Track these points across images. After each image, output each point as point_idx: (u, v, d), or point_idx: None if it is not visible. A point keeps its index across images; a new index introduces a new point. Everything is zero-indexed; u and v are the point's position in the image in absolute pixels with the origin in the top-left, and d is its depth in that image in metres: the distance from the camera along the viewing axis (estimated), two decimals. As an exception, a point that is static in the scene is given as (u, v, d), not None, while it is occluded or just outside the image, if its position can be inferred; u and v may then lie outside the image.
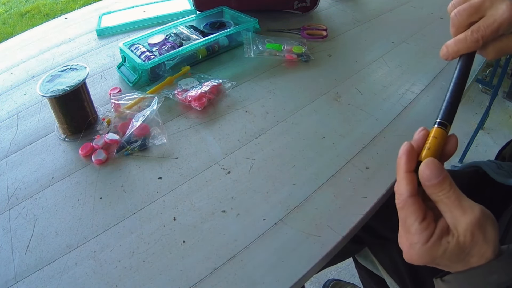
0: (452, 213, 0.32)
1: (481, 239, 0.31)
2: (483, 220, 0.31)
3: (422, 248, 0.32)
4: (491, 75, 1.83)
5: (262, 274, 0.39)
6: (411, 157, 0.34)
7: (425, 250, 0.32)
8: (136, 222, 0.45)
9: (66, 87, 0.53)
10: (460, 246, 0.31)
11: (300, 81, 0.67)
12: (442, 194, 0.32)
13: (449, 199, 0.32)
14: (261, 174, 0.50)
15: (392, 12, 0.90)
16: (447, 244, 0.32)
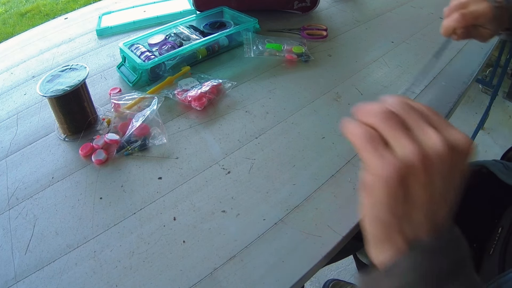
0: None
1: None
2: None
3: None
4: (491, 75, 1.83)
5: (262, 274, 0.39)
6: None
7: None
8: (136, 222, 0.45)
9: (66, 87, 0.53)
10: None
11: (300, 81, 0.67)
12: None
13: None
14: (261, 174, 0.50)
15: (392, 12, 0.90)
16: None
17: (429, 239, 0.30)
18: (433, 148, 0.29)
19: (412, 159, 0.29)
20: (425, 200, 0.30)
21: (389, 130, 0.31)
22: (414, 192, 0.30)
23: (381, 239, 0.32)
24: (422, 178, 0.29)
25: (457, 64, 0.69)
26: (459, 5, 0.58)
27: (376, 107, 0.32)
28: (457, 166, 0.30)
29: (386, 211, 0.30)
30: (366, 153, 0.31)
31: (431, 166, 0.29)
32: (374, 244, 0.33)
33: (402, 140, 0.30)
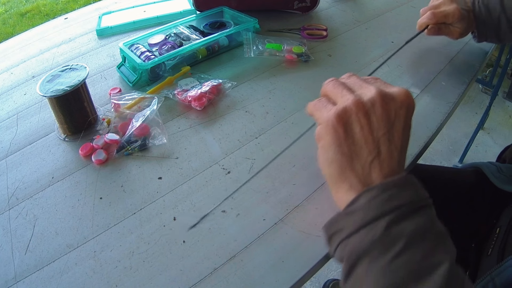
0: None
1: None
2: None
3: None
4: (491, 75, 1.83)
5: (262, 274, 0.39)
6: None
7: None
8: (136, 222, 0.45)
9: (66, 87, 0.53)
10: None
11: (300, 81, 0.67)
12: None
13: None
14: (261, 174, 0.50)
15: (392, 12, 0.90)
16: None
17: (380, 178, 0.35)
18: (367, 95, 0.36)
19: (349, 104, 0.36)
20: (366, 139, 0.35)
21: (334, 92, 0.39)
22: (355, 132, 0.36)
23: (337, 179, 0.37)
24: (358, 119, 0.35)
25: (457, 64, 0.69)
26: (433, 6, 0.68)
27: (327, 81, 0.41)
28: (394, 112, 0.36)
29: (335, 151, 0.36)
30: (316, 112, 0.40)
31: (364, 108, 0.35)
32: (333, 185, 0.38)
33: (344, 95, 0.37)
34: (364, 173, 0.35)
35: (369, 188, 0.34)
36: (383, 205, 0.33)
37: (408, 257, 0.31)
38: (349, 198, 0.35)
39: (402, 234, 0.31)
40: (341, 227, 0.34)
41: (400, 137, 0.36)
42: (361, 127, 0.35)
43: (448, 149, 1.79)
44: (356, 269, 0.33)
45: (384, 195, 0.33)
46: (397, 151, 0.36)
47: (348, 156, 0.36)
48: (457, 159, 1.74)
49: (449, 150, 1.79)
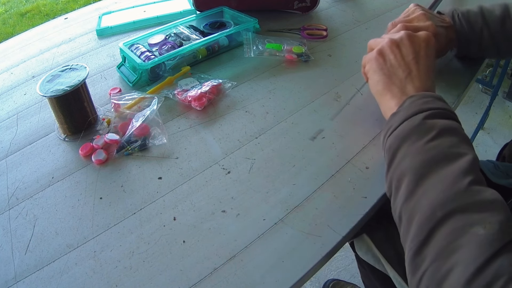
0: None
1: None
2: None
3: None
4: (491, 75, 1.83)
5: (262, 274, 0.39)
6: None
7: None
8: (136, 222, 0.45)
9: (66, 87, 0.53)
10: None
11: (300, 81, 0.67)
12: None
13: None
14: (261, 174, 0.50)
15: (392, 12, 0.90)
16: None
17: (413, 89, 0.47)
18: (397, 35, 0.51)
19: (385, 42, 0.51)
20: (399, 63, 0.49)
21: (375, 42, 0.55)
22: (390, 58, 0.50)
23: (382, 92, 0.50)
24: (391, 50, 0.50)
25: (457, 64, 0.69)
26: (404, 20, 0.65)
27: (370, 40, 0.58)
28: (418, 44, 0.50)
29: (379, 73, 0.50)
30: (365, 59, 0.55)
31: (396, 42, 0.50)
32: (381, 98, 0.50)
33: (381, 40, 0.53)
34: (402, 85, 0.48)
35: (412, 95, 0.45)
36: (421, 105, 0.43)
37: (439, 143, 0.39)
38: (393, 104, 0.47)
39: (436, 126, 0.41)
40: (390, 124, 0.44)
41: (425, 60, 0.49)
42: (395, 55, 0.49)
43: (448, 149, 1.79)
44: (399, 152, 0.41)
45: (423, 99, 0.44)
46: (425, 69, 0.48)
47: (388, 75, 0.49)
48: (457, 159, 1.73)
49: (449, 150, 1.78)
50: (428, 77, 0.48)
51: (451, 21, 0.62)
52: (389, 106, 0.48)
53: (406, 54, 0.49)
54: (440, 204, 0.35)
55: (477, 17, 0.62)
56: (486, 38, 0.61)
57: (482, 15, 0.61)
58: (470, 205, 0.34)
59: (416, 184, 0.38)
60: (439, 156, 0.38)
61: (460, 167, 0.36)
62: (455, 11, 0.63)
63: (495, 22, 0.61)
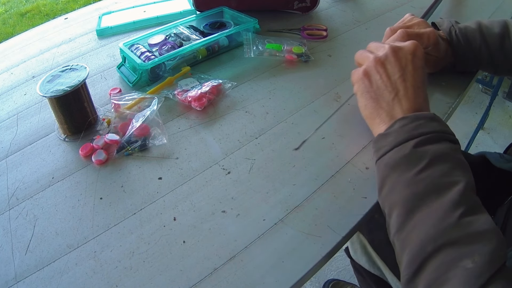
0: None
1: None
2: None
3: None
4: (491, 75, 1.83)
5: (262, 274, 0.39)
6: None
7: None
8: (136, 222, 0.45)
9: (66, 87, 0.53)
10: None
11: (300, 81, 0.67)
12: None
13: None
14: (261, 174, 0.50)
15: (392, 12, 0.90)
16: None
17: (401, 111, 0.45)
18: (382, 52, 0.48)
19: (369, 62, 0.48)
20: (385, 83, 0.46)
21: (361, 57, 0.52)
22: (376, 79, 0.47)
23: (371, 117, 0.48)
24: (377, 70, 0.47)
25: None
26: (404, 27, 0.60)
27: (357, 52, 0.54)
28: (404, 58, 0.46)
29: (366, 97, 0.48)
30: (352, 77, 0.52)
31: (380, 60, 0.47)
32: (370, 122, 0.49)
33: (367, 57, 0.50)
34: (389, 108, 0.46)
35: (403, 117, 0.43)
36: (412, 130, 0.41)
37: (429, 173, 0.38)
38: (382, 129, 0.45)
39: (427, 154, 0.39)
40: (380, 146, 0.43)
41: (413, 76, 0.45)
42: (380, 75, 0.47)
43: (448, 149, 1.79)
44: (388, 180, 0.40)
45: (414, 123, 0.41)
46: (413, 87, 0.45)
47: (375, 99, 0.47)
48: (457, 159, 1.73)
49: (449, 150, 1.78)
50: (417, 94, 0.45)
51: (448, 37, 0.60)
52: (379, 131, 0.46)
53: (392, 72, 0.46)
54: (430, 239, 0.34)
55: (475, 34, 0.59)
56: (485, 57, 0.59)
57: (480, 32, 0.59)
58: (460, 238, 0.34)
59: (406, 217, 0.37)
60: (430, 188, 0.37)
61: (450, 200, 0.36)
62: (452, 28, 0.60)
63: (494, 40, 0.58)
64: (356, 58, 0.53)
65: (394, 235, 0.38)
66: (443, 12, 0.88)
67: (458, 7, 0.92)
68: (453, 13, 0.89)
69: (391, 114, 0.45)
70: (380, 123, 0.46)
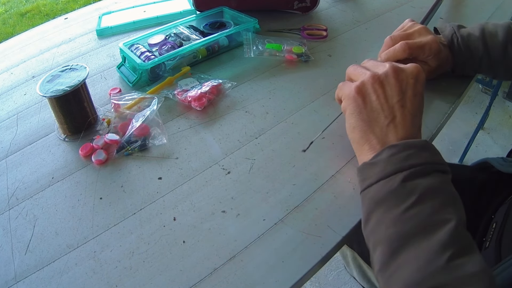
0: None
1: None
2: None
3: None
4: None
5: (262, 274, 0.39)
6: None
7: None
8: (136, 222, 0.45)
9: (66, 87, 0.53)
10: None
11: (300, 81, 0.67)
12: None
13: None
14: (261, 174, 0.50)
15: (392, 12, 0.90)
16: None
17: (396, 139, 0.40)
18: (382, 70, 0.43)
19: (366, 78, 0.43)
20: (382, 106, 0.41)
21: (355, 73, 0.46)
22: (372, 100, 0.42)
23: (359, 142, 0.43)
24: (374, 89, 0.42)
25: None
26: (404, 35, 0.57)
27: (350, 66, 0.48)
28: (405, 82, 0.42)
29: (357, 118, 0.43)
30: (340, 91, 0.46)
31: (379, 79, 0.42)
32: (357, 148, 0.44)
33: (363, 73, 0.44)
34: (382, 134, 0.41)
35: (392, 145, 0.39)
36: (401, 162, 0.37)
37: (418, 211, 0.35)
38: (370, 157, 0.40)
39: (416, 189, 0.35)
40: (365, 176, 0.40)
41: (412, 102, 0.42)
42: (377, 96, 0.42)
43: (448, 149, 1.79)
44: (373, 216, 0.37)
45: (403, 153, 0.38)
46: (410, 115, 0.41)
47: (368, 122, 0.42)
48: (457, 159, 1.74)
49: (449, 150, 1.79)
50: (413, 123, 0.42)
51: (449, 45, 0.59)
52: (366, 159, 0.42)
53: (391, 95, 0.42)
54: (415, 284, 0.32)
55: (478, 44, 0.57)
56: (485, 66, 0.59)
57: (483, 41, 0.57)
58: (448, 282, 0.31)
59: (391, 257, 0.34)
60: (417, 227, 0.34)
61: (439, 240, 0.33)
62: (455, 35, 0.58)
63: (497, 48, 0.57)
64: (348, 73, 0.48)
65: (377, 272, 0.36)
66: (443, 12, 0.88)
67: (458, 7, 0.92)
68: (453, 13, 0.89)
69: (383, 141, 0.41)
70: (369, 150, 0.42)
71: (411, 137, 0.40)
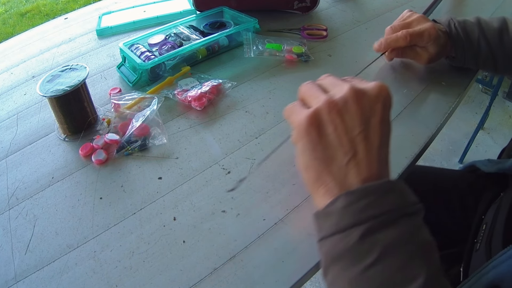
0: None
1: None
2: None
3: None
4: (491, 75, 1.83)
5: (262, 274, 0.39)
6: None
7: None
8: (136, 222, 0.45)
9: (66, 87, 0.53)
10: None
11: (300, 81, 0.66)
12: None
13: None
14: (261, 174, 0.50)
15: (392, 12, 0.90)
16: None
17: (357, 181, 0.33)
18: (339, 94, 0.35)
19: (320, 105, 0.34)
20: (340, 140, 0.34)
21: (308, 94, 0.38)
22: (328, 133, 0.34)
23: (314, 184, 0.35)
24: (331, 119, 0.34)
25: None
26: (403, 25, 0.60)
27: (302, 84, 0.40)
28: (369, 107, 0.34)
29: (310, 155, 0.35)
30: (290, 117, 0.38)
31: (337, 107, 0.34)
32: (311, 190, 0.36)
33: (317, 96, 0.36)
34: (341, 175, 0.34)
35: (348, 191, 0.32)
36: (360, 213, 0.31)
37: (380, 270, 0.30)
38: (326, 200, 0.34)
39: (377, 245, 0.30)
40: (319, 226, 0.34)
41: (377, 133, 0.34)
42: (335, 127, 0.34)
43: (448, 149, 1.79)
44: (330, 271, 0.32)
45: (361, 202, 0.31)
46: (375, 149, 0.34)
47: (323, 160, 0.34)
48: (457, 159, 1.74)
49: (449, 150, 1.79)
50: (380, 157, 0.34)
51: (447, 29, 0.60)
52: (321, 205, 0.35)
53: (351, 126, 0.34)
54: None
55: (473, 27, 0.59)
56: (484, 49, 0.59)
57: (479, 25, 0.60)
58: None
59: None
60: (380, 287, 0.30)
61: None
62: (451, 20, 0.61)
63: (493, 34, 0.59)
64: (300, 93, 0.39)
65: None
66: (443, 12, 0.88)
67: (459, 7, 0.92)
68: (453, 13, 0.89)
69: (342, 183, 0.34)
70: (325, 194, 0.34)
71: (376, 176, 0.33)
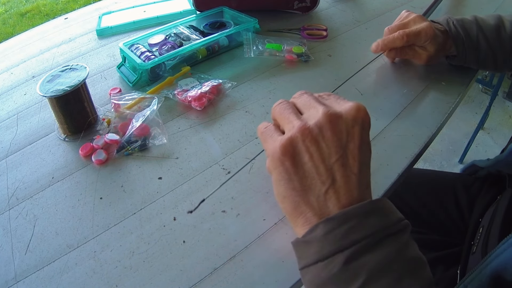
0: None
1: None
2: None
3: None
4: (491, 75, 1.83)
5: (262, 274, 0.39)
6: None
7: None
8: (136, 222, 0.45)
9: (66, 87, 0.53)
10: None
11: (300, 81, 0.67)
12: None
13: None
14: (261, 174, 0.50)
15: (392, 12, 0.90)
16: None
17: (337, 209, 0.32)
18: (314, 119, 0.33)
19: (294, 133, 0.33)
20: (317, 169, 0.32)
21: (281, 117, 0.36)
22: (304, 162, 0.33)
23: (292, 214, 0.34)
24: (306, 148, 0.32)
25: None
26: (401, 25, 0.61)
27: (275, 104, 0.38)
28: (346, 132, 0.33)
29: (286, 186, 0.34)
30: (264, 143, 0.37)
31: (312, 134, 0.32)
32: (290, 220, 0.35)
33: (290, 121, 0.34)
34: (320, 205, 0.32)
35: (328, 218, 0.31)
36: (341, 239, 0.30)
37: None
38: (305, 230, 0.33)
39: (363, 269, 0.29)
40: (300, 254, 0.33)
41: (356, 158, 0.33)
42: (310, 156, 0.33)
43: (448, 149, 1.79)
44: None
45: (342, 228, 0.30)
46: (354, 175, 0.32)
47: (300, 191, 0.33)
48: (457, 159, 1.74)
49: (449, 150, 1.79)
50: (360, 182, 0.33)
51: (446, 28, 0.61)
52: (300, 233, 0.34)
53: (328, 153, 0.32)
54: None
55: (471, 25, 0.60)
56: (483, 45, 0.59)
57: (476, 23, 0.60)
58: None
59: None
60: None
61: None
62: (450, 19, 0.61)
63: (490, 30, 0.59)
64: (274, 113, 0.38)
65: None
66: (442, 12, 0.88)
67: (458, 7, 0.92)
68: (453, 13, 0.89)
69: (321, 212, 0.32)
70: (304, 224, 0.33)
71: (357, 202, 0.32)
